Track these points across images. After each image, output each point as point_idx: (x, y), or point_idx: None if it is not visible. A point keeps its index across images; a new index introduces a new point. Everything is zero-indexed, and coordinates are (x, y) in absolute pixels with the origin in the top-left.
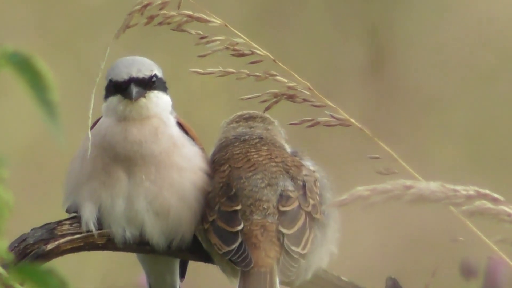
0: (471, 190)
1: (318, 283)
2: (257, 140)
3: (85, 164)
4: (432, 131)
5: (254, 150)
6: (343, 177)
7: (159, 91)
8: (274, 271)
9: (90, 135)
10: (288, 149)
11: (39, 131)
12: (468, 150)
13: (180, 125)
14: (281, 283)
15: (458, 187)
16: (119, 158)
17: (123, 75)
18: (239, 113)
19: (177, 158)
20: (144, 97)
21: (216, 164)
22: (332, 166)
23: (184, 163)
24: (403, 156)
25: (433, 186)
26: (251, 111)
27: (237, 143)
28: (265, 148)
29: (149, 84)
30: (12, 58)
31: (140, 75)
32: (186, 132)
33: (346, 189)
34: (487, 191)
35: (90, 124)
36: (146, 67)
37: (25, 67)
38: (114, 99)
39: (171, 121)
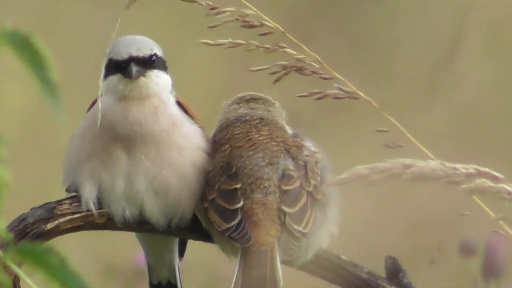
0: (471, 168)
1: (318, 262)
2: (258, 121)
3: (85, 143)
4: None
5: (255, 130)
6: (350, 151)
7: (159, 70)
8: (275, 249)
9: (100, 105)
10: (289, 130)
11: (39, 109)
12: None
13: (179, 104)
14: (282, 262)
15: (458, 165)
16: (118, 137)
17: (123, 54)
18: (240, 94)
19: (177, 137)
20: (144, 76)
21: (217, 144)
22: (340, 140)
23: (183, 142)
24: (410, 129)
25: (433, 164)
26: (253, 93)
27: (238, 124)
28: (266, 128)
29: (149, 63)
30: (11, 37)
31: (140, 54)
32: (185, 111)
33: (353, 165)
34: (487, 169)
35: (100, 93)
36: (146, 46)
37: (24, 46)
38: (114, 78)
39: (171, 100)
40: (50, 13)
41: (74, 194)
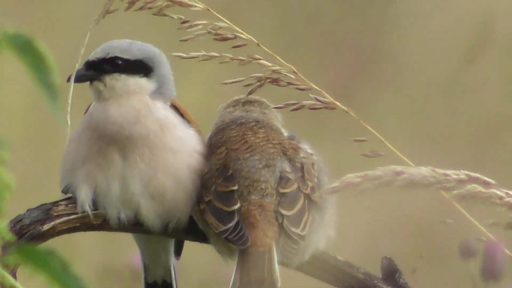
0: (462, 174)
1: (314, 263)
2: (253, 123)
3: (81, 146)
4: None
5: (251, 132)
6: (330, 161)
7: (122, 74)
8: (273, 251)
9: (69, 121)
10: (285, 133)
11: (39, 110)
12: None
13: (175, 108)
14: (279, 264)
15: (449, 172)
16: (105, 138)
17: (88, 57)
18: (236, 97)
19: (170, 140)
20: (99, 79)
21: (213, 147)
22: (318, 150)
23: (178, 146)
24: (388, 137)
25: (424, 171)
26: (249, 96)
27: (233, 126)
28: (262, 130)
29: (101, 67)
30: (14, 40)
31: (91, 58)
32: (181, 115)
33: (334, 174)
34: (478, 175)
35: (69, 110)
36: (107, 50)
37: (27, 49)
38: None
39: (157, 103)
40: (52, 17)
41: (70, 195)
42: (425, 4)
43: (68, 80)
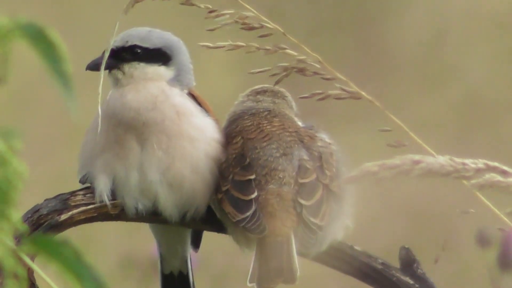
0: (480, 163)
1: (331, 253)
2: (266, 113)
3: (99, 136)
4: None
5: (266, 121)
6: (353, 150)
7: (140, 62)
8: (291, 240)
9: (100, 111)
10: (299, 122)
11: (55, 103)
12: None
13: (193, 96)
14: (297, 253)
15: (467, 161)
16: (122, 125)
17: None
18: (254, 87)
19: (187, 127)
20: (118, 68)
21: (228, 137)
22: (342, 139)
23: (195, 134)
24: (413, 128)
25: (442, 160)
26: (266, 85)
27: (246, 117)
28: (277, 119)
29: (120, 55)
30: (26, 29)
31: (111, 46)
32: (199, 104)
33: (356, 164)
34: (496, 164)
35: (100, 100)
36: (126, 38)
37: (39, 38)
38: None
39: (174, 90)
40: (66, 7)
41: (88, 185)
42: None
43: (87, 68)
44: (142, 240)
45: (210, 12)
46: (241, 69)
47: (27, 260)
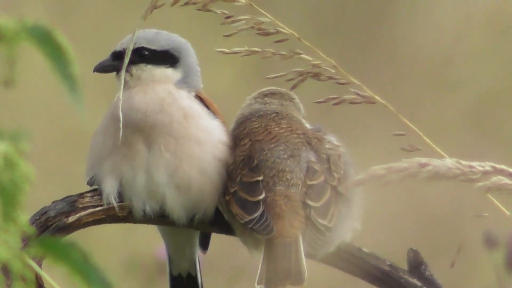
0: (487, 165)
1: (339, 255)
2: (274, 115)
3: (107, 138)
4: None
5: (273, 123)
6: (367, 154)
7: (148, 64)
8: (299, 241)
9: (121, 116)
10: (307, 124)
11: (62, 105)
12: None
13: (200, 99)
14: (305, 255)
15: (474, 163)
16: (129, 127)
17: (115, 47)
18: (262, 90)
19: (194, 129)
20: (126, 70)
21: (236, 139)
22: (356, 143)
23: (203, 136)
24: (426, 132)
25: (448, 163)
26: (274, 88)
27: (254, 119)
28: (285, 121)
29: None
30: (33, 31)
31: (118, 48)
32: (206, 106)
33: (370, 167)
34: (503, 167)
35: (121, 105)
36: (133, 40)
37: (46, 41)
38: None
39: (182, 93)
40: (72, 8)
41: (96, 187)
42: None
43: (94, 70)
44: (147, 241)
45: (227, 18)
46: (256, 74)
47: (32, 263)
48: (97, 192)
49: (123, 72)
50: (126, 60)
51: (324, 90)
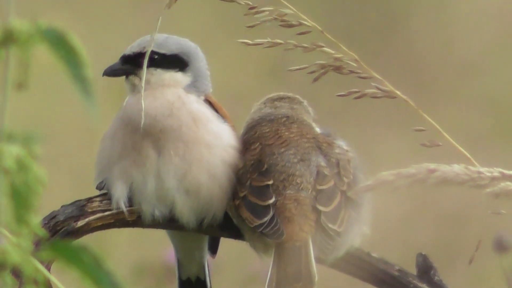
0: (495, 171)
1: (348, 260)
2: (284, 119)
3: (116, 143)
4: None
5: (284, 127)
6: (386, 149)
7: (157, 68)
8: (309, 245)
9: (143, 105)
10: (317, 128)
11: (74, 108)
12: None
13: (209, 103)
14: (314, 259)
15: (482, 169)
16: (139, 132)
17: (124, 51)
18: (269, 95)
19: (204, 134)
20: (135, 74)
21: (246, 143)
22: (375, 138)
23: (212, 140)
24: (445, 129)
25: (457, 168)
26: (282, 93)
27: (264, 123)
28: (295, 126)
29: (137, 61)
30: (46, 34)
31: (128, 52)
32: (216, 110)
33: (389, 163)
34: (511, 173)
35: (143, 95)
36: (143, 44)
37: (59, 44)
38: None
39: (191, 97)
40: (87, 10)
41: (105, 192)
42: None
43: (104, 74)
44: (155, 246)
45: (251, 8)
46: (277, 67)
47: (40, 266)
48: (106, 196)
49: (144, 73)
50: (146, 59)
51: (345, 84)
